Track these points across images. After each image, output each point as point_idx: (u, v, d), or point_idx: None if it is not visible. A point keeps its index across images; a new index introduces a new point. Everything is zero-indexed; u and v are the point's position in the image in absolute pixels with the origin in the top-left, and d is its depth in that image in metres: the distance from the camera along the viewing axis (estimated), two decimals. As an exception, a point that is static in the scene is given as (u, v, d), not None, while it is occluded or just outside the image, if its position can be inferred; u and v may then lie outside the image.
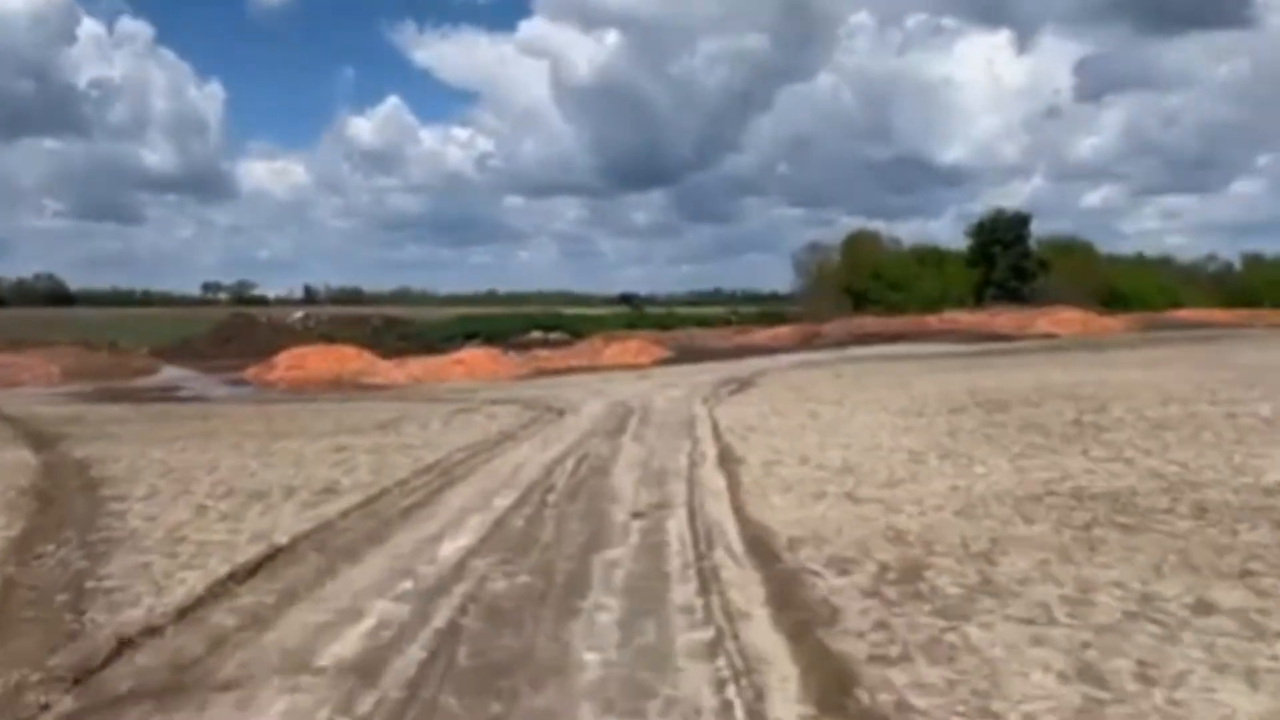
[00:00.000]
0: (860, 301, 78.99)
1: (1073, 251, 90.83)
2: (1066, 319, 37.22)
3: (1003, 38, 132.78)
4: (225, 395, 24.04)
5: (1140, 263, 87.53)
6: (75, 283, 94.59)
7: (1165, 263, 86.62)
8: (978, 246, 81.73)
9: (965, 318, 39.46)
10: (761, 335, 37.71)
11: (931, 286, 79.00)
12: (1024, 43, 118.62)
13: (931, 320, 38.84)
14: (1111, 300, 68.29)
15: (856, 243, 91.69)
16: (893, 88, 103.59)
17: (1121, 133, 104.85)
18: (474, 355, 28.63)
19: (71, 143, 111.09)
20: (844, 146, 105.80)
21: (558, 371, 28.89)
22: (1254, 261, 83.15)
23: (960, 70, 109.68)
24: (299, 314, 46.60)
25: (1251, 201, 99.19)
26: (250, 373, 30.85)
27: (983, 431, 11.24)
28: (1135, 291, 71.82)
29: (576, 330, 48.28)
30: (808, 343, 36.08)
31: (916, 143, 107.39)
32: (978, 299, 75.49)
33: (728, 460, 9.86)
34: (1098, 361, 22.54)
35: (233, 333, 45.74)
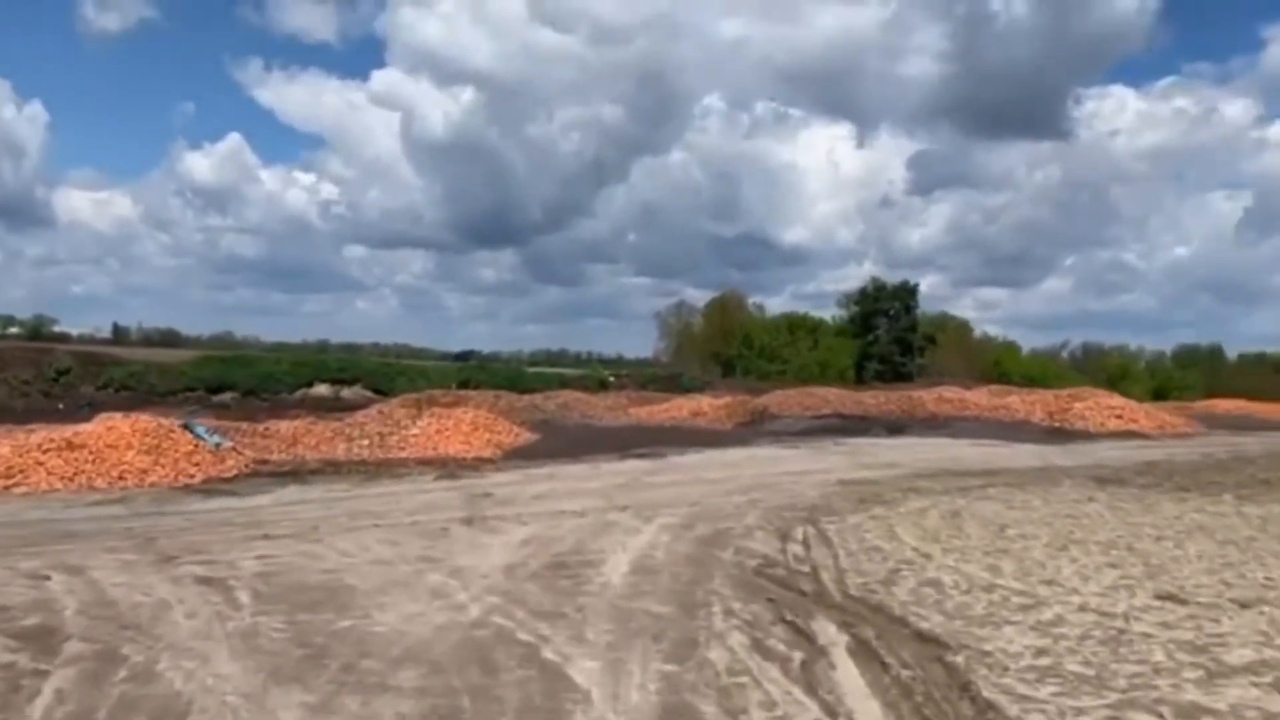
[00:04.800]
0: (728, 370, 67.95)
1: (946, 328, 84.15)
2: (1119, 408, 24.98)
3: (844, 130, 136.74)
4: None
5: (1006, 346, 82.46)
6: None
7: (1014, 348, 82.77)
8: (859, 316, 72.65)
9: (970, 398, 26.80)
10: (676, 408, 23.59)
11: (808, 357, 68.99)
12: (863, 136, 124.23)
13: (925, 399, 25.97)
14: (997, 381, 60.33)
15: (722, 306, 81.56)
16: (740, 168, 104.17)
17: (947, 226, 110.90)
18: (102, 430, 13.06)
19: None
20: (691, 221, 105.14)
21: (295, 473, 13.71)
22: (1094, 350, 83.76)
23: (803, 157, 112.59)
24: (-74, 342, 29.01)
25: (1059, 297, 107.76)
26: None
27: None
28: (1029, 375, 64.87)
29: (386, 387, 32.71)
30: (752, 424, 22.27)
31: (760, 222, 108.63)
32: (858, 374, 65.57)
33: None
34: None
35: None
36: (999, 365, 72.68)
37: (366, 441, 16.31)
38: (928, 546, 7.90)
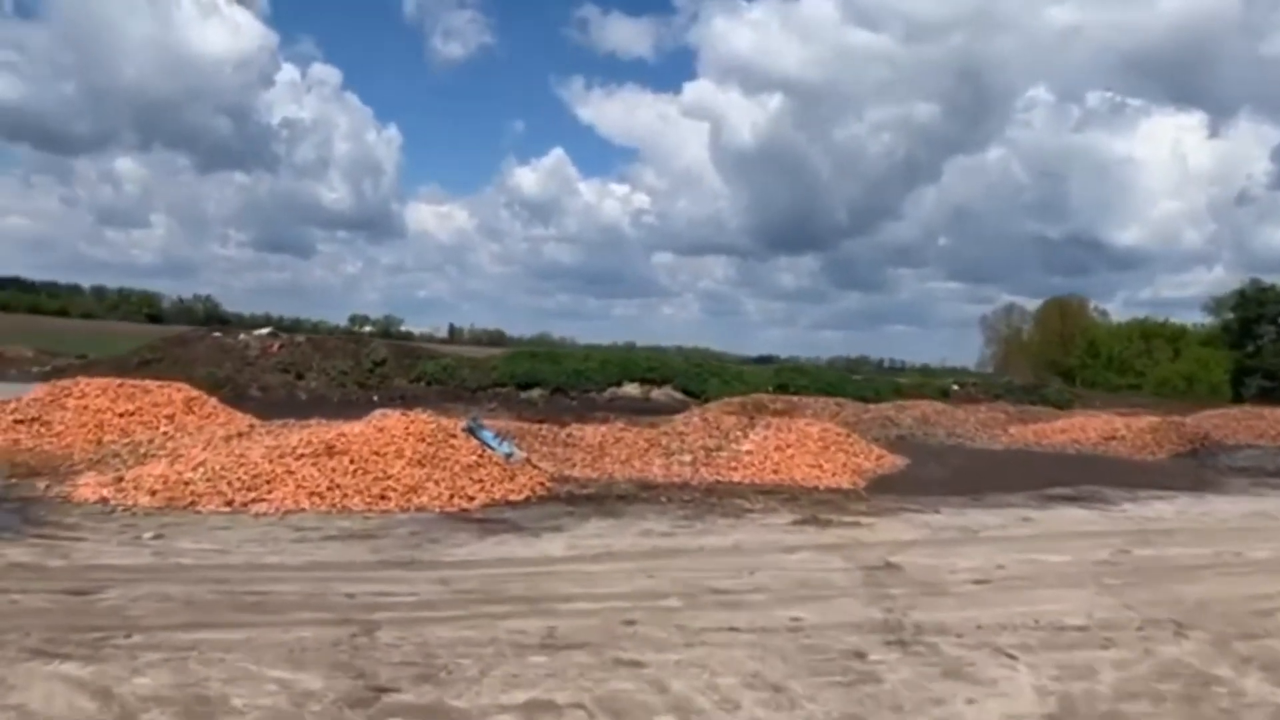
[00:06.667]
0: (1068, 381, 58.73)
1: (1346, 339, 67.78)
2: None
3: (1194, 119, 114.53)
4: None
5: None
6: (235, 307, 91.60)
7: None
8: (1236, 324, 59.85)
9: None
10: (1076, 429, 17.74)
11: (1169, 369, 57.75)
12: (1217, 125, 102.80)
13: None
14: None
15: (1060, 311, 71.54)
16: (1067, 165, 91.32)
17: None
18: (370, 433, 10.26)
19: (260, 178, 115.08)
20: (1009, 222, 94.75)
21: (599, 499, 10.13)
22: None
23: (1143, 150, 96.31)
24: (263, 331, 29.65)
25: None
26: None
27: None
28: None
29: (696, 389, 29.42)
30: (1194, 455, 16.13)
31: (1088, 222, 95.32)
32: (1235, 390, 53.69)
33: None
34: None
35: (160, 353, 29.21)
36: None
37: (689, 457, 12.50)
38: None
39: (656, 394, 30.68)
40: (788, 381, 31.29)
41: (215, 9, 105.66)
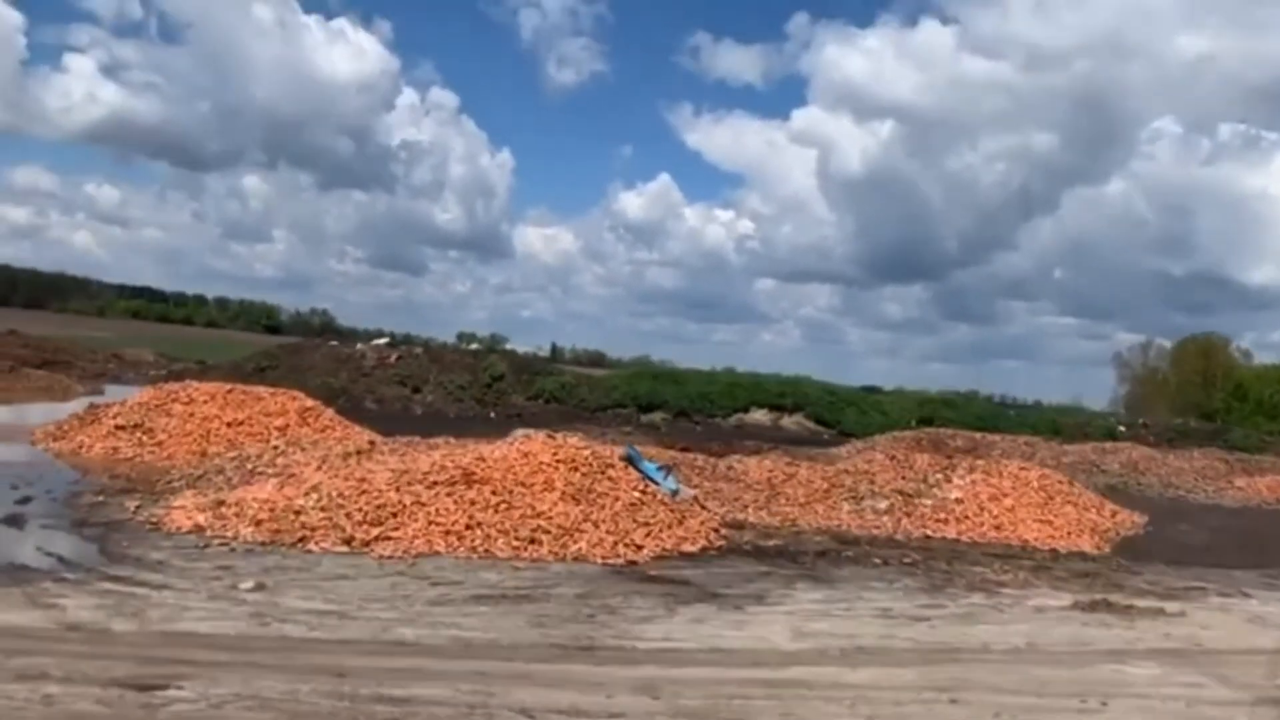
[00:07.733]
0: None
1: None
2: None
3: None
4: None
5: None
6: (349, 321, 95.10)
7: None
8: None
9: None
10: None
11: None
12: None
13: None
14: None
15: (1202, 350, 65.99)
16: (1194, 199, 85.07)
17: None
18: (514, 458, 8.40)
19: (378, 197, 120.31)
20: (1130, 257, 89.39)
21: (792, 555, 7.97)
22: None
23: (1278, 185, 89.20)
24: (380, 341, 28.61)
25: None
26: (40, 433, 12.50)
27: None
28: None
29: (831, 419, 27.07)
30: None
31: (1216, 259, 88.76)
32: None
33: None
34: None
35: (276, 361, 28.41)
36: None
37: (884, 504, 10.24)
38: None
39: (787, 421, 28.32)
40: (933, 414, 28.50)
41: (342, 34, 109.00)
